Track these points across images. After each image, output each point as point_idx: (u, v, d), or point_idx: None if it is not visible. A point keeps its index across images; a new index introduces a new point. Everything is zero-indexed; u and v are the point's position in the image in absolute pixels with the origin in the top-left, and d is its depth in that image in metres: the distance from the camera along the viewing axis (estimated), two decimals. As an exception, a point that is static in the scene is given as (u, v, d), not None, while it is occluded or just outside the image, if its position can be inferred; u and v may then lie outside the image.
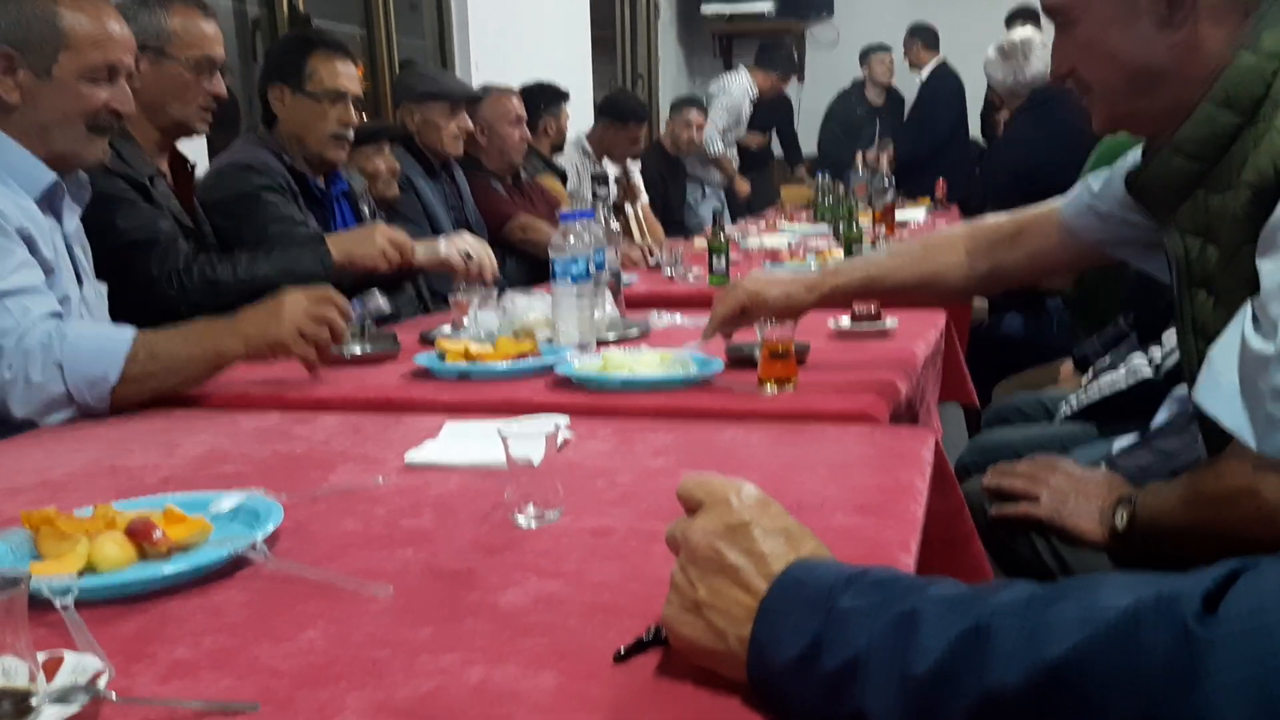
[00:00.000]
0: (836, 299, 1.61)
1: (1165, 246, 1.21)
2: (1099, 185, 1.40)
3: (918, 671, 0.56)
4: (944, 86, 6.70)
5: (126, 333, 1.50)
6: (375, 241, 2.11)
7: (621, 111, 4.54)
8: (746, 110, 6.51)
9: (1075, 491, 1.34)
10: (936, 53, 6.97)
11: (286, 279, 1.87)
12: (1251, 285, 1.02)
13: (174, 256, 1.96)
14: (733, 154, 6.50)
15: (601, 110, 4.68)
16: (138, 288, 1.91)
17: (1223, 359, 1.03)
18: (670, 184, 5.58)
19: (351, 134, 2.46)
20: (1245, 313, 1.01)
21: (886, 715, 0.57)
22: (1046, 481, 1.38)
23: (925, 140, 6.37)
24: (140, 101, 2.04)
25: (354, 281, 2.08)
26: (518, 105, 3.71)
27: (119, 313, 1.86)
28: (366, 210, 2.65)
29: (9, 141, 1.58)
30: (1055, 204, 1.49)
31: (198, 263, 1.99)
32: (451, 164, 3.36)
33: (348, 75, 2.45)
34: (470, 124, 3.33)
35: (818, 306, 1.59)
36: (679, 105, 5.75)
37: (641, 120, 4.56)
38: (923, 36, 7.04)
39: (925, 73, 6.90)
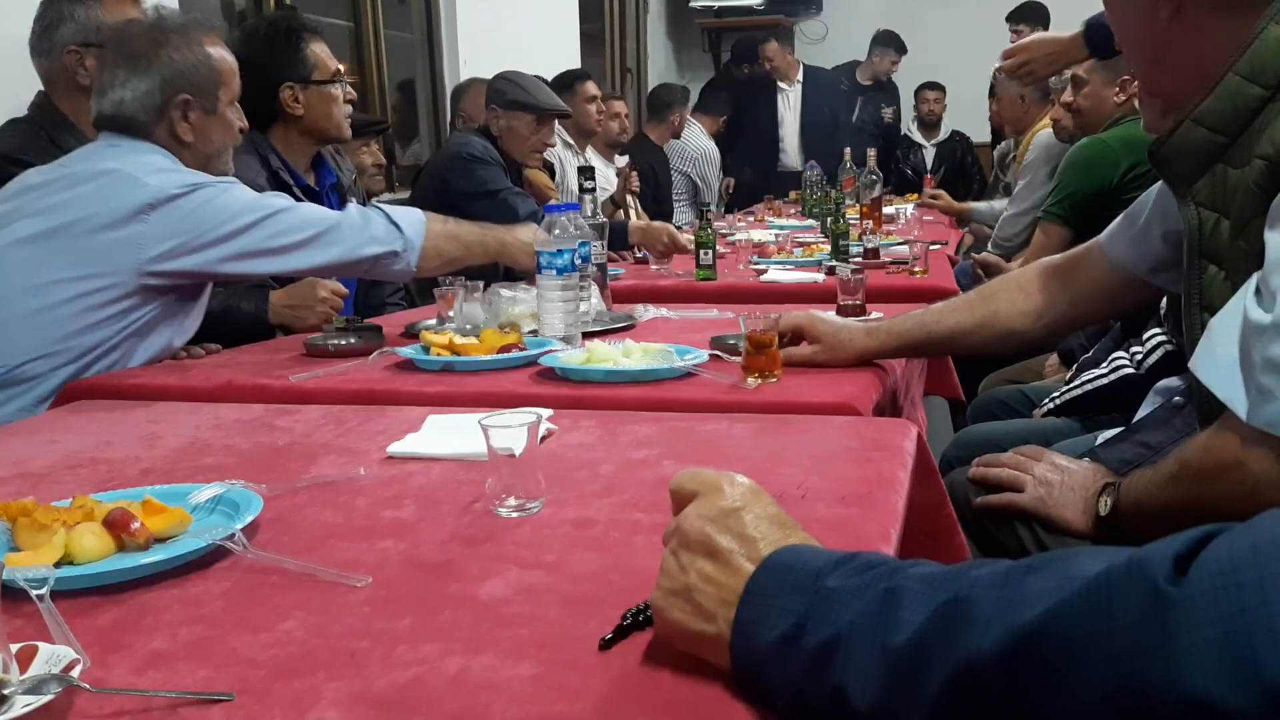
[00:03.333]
0: (893, 346, 1.56)
1: (1180, 219, 1.21)
2: (1134, 209, 1.42)
3: (896, 643, 0.56)
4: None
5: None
6: (314, 310, 2.09)
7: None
8: (711, 153, 6.34)
9: (1061, 481, 1.34)
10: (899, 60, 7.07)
11: (227, 316, 2.03)
12: (1259, 258, 1.01)
13: None
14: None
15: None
16: None
17: (1222, 330, 1.02)
18: (659, 175, 5.58)
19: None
20: (1250, 284, 1.01)
21: (865, 688, 0.57)
22: (1032, 471, 1.38)
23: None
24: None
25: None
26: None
27: None
28: (356, 202, 2.64)
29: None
30: (1099, 238, 1.50)
31: None
32: (522, 170, 3.46)
33: (329, 51, 2.47)
34: (552, 137, 3.38)
35: (875, 354, 1.55)
36: (667, 104, 5.75)
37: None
38: (894, 44, 7.11)
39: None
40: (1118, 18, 1.24)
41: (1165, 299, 1.70)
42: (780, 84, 7.00)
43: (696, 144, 6.09)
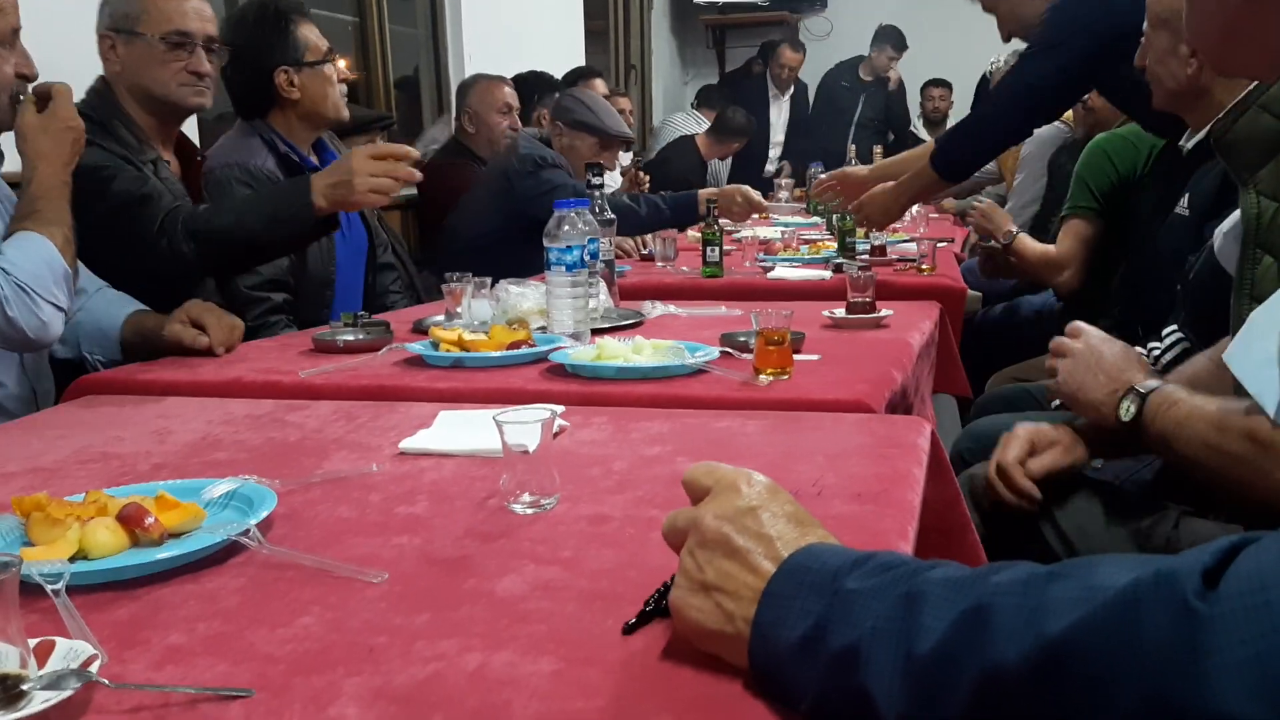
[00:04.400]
0: None
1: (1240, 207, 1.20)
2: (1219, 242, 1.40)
3: (920, 651, 0.56)
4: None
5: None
6: (353, 184, 1.88)
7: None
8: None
9: (1092, 364, 1.32)
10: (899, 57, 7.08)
11: (272, 225, 1.92)
12: None
13: (165, 214, 1.93)
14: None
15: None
16: (132, 252, 1.89)
17: (1262, 324, 1.00)
18: (692, 183, 5.60)
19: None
20: None
21: (890, 695, 0.56)
22: (1071, 350, 1.36)
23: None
24: (124, 85, 2.03)
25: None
26: (508, 94, 3.69)
27: (119, 285, 1.85)
28: None
29: None
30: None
31: (183, 218, 1.94)
32: None
33: (318, 32, 2.43)
34: (616, 166, 3.37)
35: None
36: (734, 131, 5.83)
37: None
38: (893, 40, 7.11)
39: (893, 82, 7.02)
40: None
41: (1181, 290, 1.69)
42: (773, 91, 7.01)
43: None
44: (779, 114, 7.10)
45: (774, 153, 7.02)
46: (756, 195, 3.09)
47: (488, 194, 3.24)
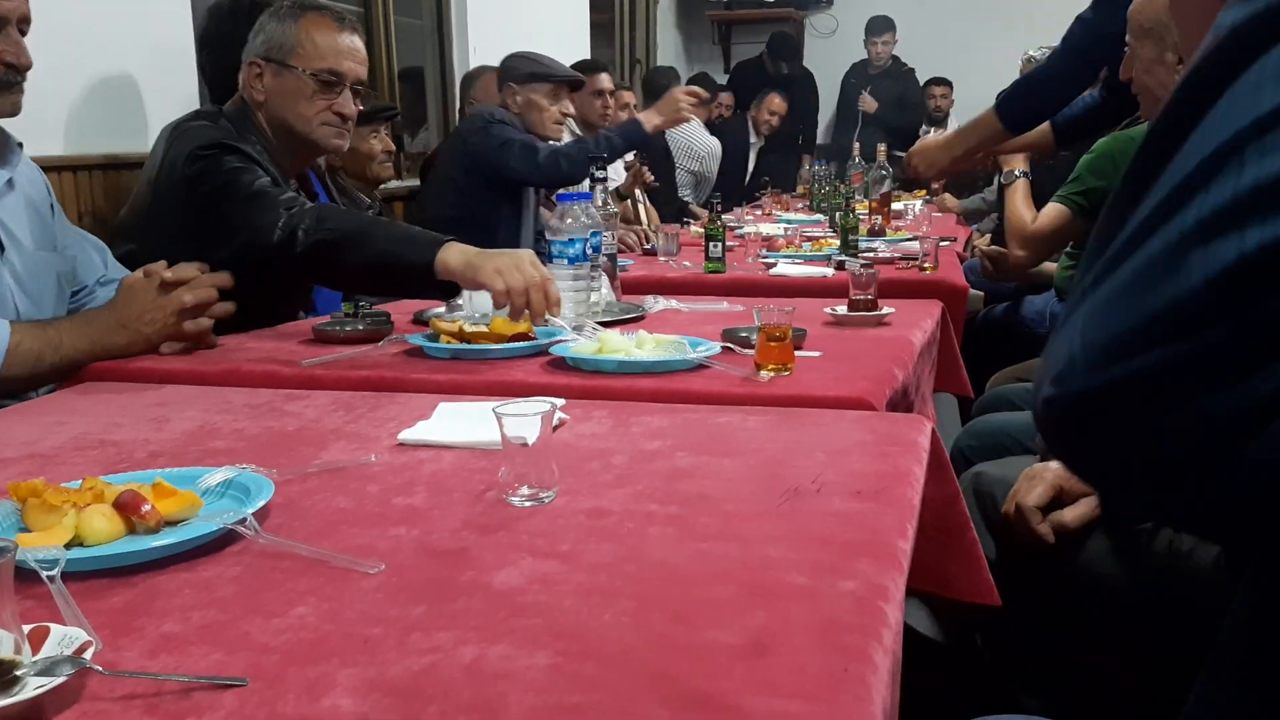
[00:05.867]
0: None
1: None
2: None
3: None
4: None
5: None
6: (499, 287, 1.63)
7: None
8: (715, 149, 6.23)
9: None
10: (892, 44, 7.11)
11: (388, 253, 1.74)
12: None
13: (297, 206, 1.82)
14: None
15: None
16: (245, 230, 1.81)
17: None
18: (662, 160, 5.59)
19: None
20: None
21: None
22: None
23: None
24: (264, 114, 2.02)
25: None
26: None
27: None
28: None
29: None
30: None
31: (316, 210, 1.83)
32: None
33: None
34: (572, 108, 3.42)
35: None
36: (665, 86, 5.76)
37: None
38: (882, 27, 7.14)
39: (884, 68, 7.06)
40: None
41: None
42: (753, 139, 6.98)
43: (702, 141, 6.09)
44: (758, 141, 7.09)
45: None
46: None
47: (447, 164, 3.32)
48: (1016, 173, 2.84)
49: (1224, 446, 0.44)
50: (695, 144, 5.98)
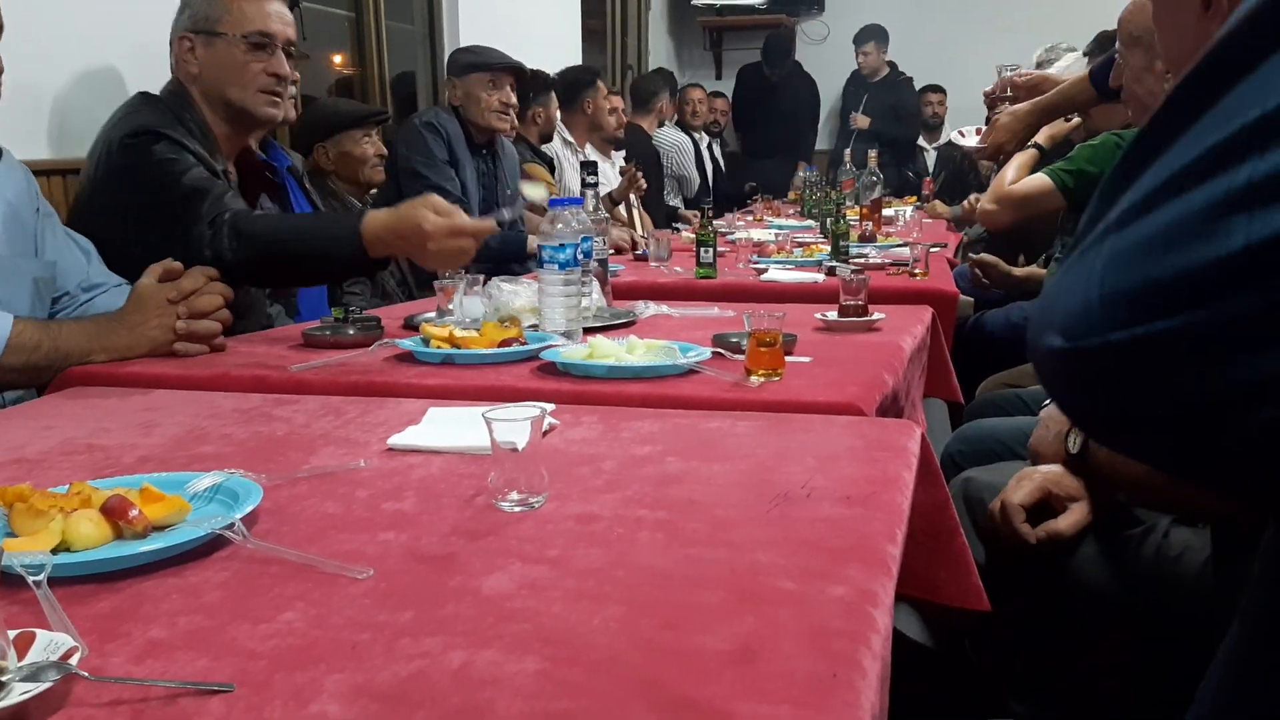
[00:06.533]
0: None
1: None
2: None
3: None
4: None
5: None
6: (427, 249, 1.77)
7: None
8: (685, 146, 6.30)
9: (1044, 416, 1.40)
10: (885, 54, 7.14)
11: (313, 241, 1.84)
12: None
13: (218, 211, 1.85)
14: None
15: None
16: (179, 245, 1.82)
17: None
18: (654, 166, 5.61)
19: None
20: None
21: None
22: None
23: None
24: (199, 89, 2.01)
25: None
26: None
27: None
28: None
29: None
30: None
31: (232, 215, 1.85)
32: (496, 141, 3.51)
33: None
34: (513, 97, 3.43)
35: None
36: (653, 92, 5.80)
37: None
38: (873, 37, 7.16)
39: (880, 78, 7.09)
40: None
41: None
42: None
43: (670, 138, 6.10)
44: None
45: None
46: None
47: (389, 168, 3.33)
48: (1035, 142, 2.84)
49: (1244, 410, 0.42)
50: (663, 142, 6.02)
